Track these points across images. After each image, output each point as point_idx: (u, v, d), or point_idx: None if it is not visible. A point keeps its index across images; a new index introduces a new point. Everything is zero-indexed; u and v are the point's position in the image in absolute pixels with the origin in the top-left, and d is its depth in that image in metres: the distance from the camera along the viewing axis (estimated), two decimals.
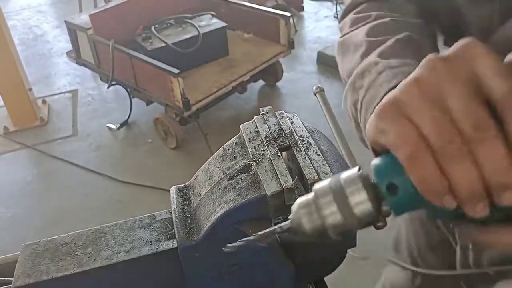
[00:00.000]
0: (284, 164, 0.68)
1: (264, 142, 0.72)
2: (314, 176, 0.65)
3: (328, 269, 0.80)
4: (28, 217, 2.94)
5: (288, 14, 3.60)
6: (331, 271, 0.80)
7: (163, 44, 3.28)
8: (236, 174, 0.69)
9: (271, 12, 3.64)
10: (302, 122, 0.78)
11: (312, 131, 0.76)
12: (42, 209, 3.00)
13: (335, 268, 0.79)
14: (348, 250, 0.77)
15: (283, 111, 0.77)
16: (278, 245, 0.71)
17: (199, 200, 0.72)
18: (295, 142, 0.72)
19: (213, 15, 3.63)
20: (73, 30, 3.58)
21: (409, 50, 0.71)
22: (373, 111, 0.55)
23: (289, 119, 0.77)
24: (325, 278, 0.81)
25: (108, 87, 3.52)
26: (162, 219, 0.74)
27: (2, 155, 3.52)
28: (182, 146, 3.37)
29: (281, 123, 0.75)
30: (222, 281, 0.71)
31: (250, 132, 0.75)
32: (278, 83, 3.98)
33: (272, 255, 0.69)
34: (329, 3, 5.47)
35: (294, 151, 0.70)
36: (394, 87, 0.45)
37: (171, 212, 0.74)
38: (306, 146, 0.71)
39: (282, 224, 0.49)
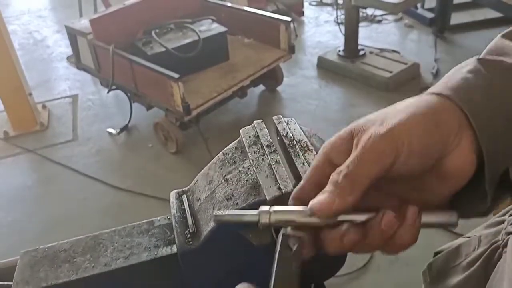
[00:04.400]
0: (283, 168, 0.68)
1: (264, 146, 0.72)
2: None
3: (328, 274, 0.80)
4: (28, 222, 2.94)
5: (289, 19, 3.61)
6: (331, 276, 0.80)
7: (163, 49, 3.28)
8: (236, 179, 0.69)
9: (271, 17, 3.64)
10: (300, 127, 0.77)
11: (310, 136, 0.76)
12: (42, 214, 2.99)
13: (335, 273, 0.79)
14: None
15: (281, 116, 0.77)
16: None
17: (199, 205, 0.71)
18: (293, 146, 0.72)
19: (213, 20, 3.64)
20: (73, 35, 3.58)
21: None
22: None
23: (287, 124, 0.77)
24: (325, 283, 0.81)
25: (108, 92, 3.52)
26: (160, 225, 0.73)
27: (2, 160, 3.52)
28: (182, 151, 3.37)
29: (279, 128, 0.74)
30: (222, 285, 0.70)
31: (250, 136, 0.74)
32: (278, 88, 3.98)
33: (272, 259, 0.69)
34: (329, 8, 5.48)
35: (292, 156, 0.70)
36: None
37: (169, 218, 0.74)
38: (304, 151, 0.71)
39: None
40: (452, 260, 0.85)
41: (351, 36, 4.13)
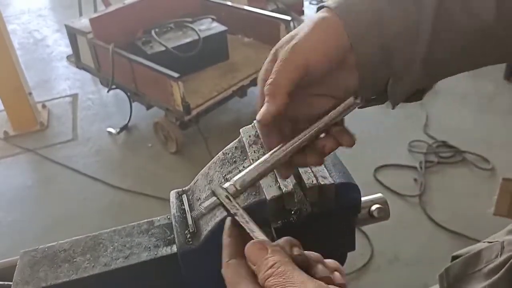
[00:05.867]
0: None
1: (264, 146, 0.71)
2: (312, 181, 0.65)
3: None
4: (28, 222, 2.93)
5: (289, 18, 3.60)
6: None
7: (163, 48, 3.28)
8: None
9: (271, 16, 3.64)
10: None
11: None
12: (42, 214, 2.99)
13: None
14: None
15: None
16: None
17: (199, 205, 0.71)
18: None
19: (213, 19, 3.63)
20: (73, 34, 3.58)
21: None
22: None
23: None
24: None
25: (108, 91, 3.52)
26: (160, 224, 0.73)
27: (2, 160, 3.51)
28: (182, 151, 3.36)
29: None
30: (222, 285, 0.70)
31: (250, 136, 0.74)
32: None
33: None
34: None
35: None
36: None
37: (169, 218, 0.74)
38: None
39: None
40: (472, 266, 0.82)
41: None
